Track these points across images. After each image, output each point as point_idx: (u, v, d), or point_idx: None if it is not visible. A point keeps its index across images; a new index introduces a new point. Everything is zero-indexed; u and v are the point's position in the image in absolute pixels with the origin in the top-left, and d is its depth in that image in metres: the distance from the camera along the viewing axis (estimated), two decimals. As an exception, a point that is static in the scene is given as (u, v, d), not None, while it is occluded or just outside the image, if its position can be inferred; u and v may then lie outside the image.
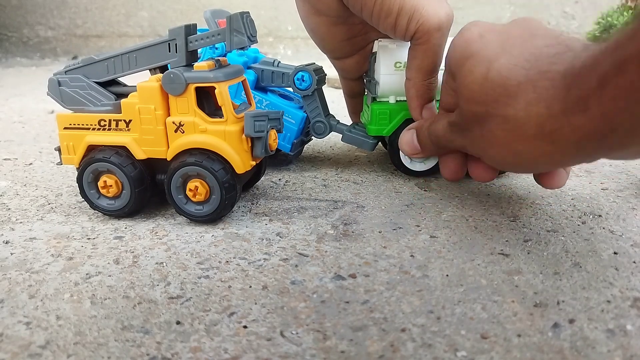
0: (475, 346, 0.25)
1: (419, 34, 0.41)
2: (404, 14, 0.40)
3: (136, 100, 0.38)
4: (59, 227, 0.40)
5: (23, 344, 0.26)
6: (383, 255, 0.34)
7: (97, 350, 0.25)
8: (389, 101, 0.48)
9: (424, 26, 0.40)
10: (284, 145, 0.50)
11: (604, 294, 0.29)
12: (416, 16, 0.40)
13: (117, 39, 1.92)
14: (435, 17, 0.40)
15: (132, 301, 0.30)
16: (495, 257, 0.34)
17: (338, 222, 0.40)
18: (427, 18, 0.40)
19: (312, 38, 0.49)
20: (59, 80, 0.40)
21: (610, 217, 0.40)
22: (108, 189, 0.40)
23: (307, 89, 0.49)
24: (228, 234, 0.38)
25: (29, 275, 0.33)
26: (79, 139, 0.40)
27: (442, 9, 0.41)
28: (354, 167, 0.54)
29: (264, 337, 0.26)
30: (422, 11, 0.40)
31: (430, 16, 0.40)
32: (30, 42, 1.93)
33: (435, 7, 0.41)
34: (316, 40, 0.49)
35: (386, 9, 0.40)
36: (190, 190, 0.39)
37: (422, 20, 0.40)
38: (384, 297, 0.30)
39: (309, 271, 0.33)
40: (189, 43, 0.38)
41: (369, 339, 0.26)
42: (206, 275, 0.32)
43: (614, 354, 0.24)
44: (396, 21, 0.41)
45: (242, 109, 0.41)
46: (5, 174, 0.54)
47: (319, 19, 0.45)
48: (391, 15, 0.40)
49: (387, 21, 0.41)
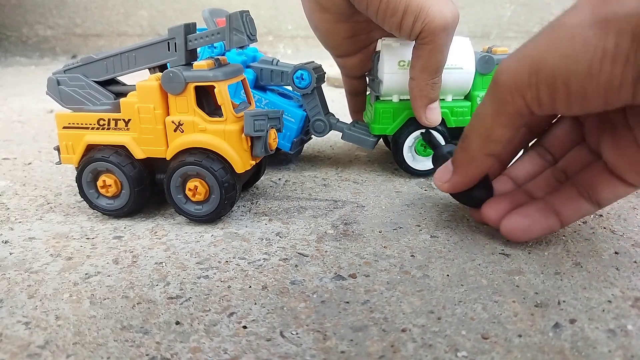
0: (476, 346, 0.25)
1: (425, 33, 0.41)
2: (410, 13, 0.40)
3: (135, 99, 0.38)
4: (58, 227, 0.40)
5: (22, 344, 0.26)
6: (383, 255, 0.34)
7: (96, 351, 0.25)
8: (392, 100, 0.48)
9: (430, 26, 0.40)
10: (284, 144, 0.50)
11: (604, 294, 0.29)
12: (422, 15, 0.40)
13: (116, 38, 1.92)
14: (441, 17, 0.40)
15: (131, 301, 0.29)
16: (496, 257, 0.34)
17: (338, 222, 0.40)
18: (433, 18, 0.40)
19: (316, 35, 0.48)
20: (58, 80, 0.40)
21: (611, 216, 0.40)
22: (107, 189, 0.40)
23: (306, 87, 0.49)
24: (227, 233, 0.38)
25: (28, 275, 0.32)
26: (78, 138, 0.40)
27: (448, 9, 0.41)
28: (354, 167, 0.54)
29: (263, 338, 0.26)
30: (428, 11, 0.40)
31: (436, 16, 0.40)
32: (30, 42, 1.93)
33: (441, 7, 0.40)
34: (320, 37, 0.48)
35: (392, 7, 0.40)
36: (189, 190, 0.39)
37: (428, 20, 0.40)
38: (384, 297, 0.29)
39: (309, 271, 0.33)
40: (189, 42, 0.38)
41: (369, 339, 0.26)
42: (206, 275, 0.32)
43: (614, 354, 0.24)
44: (402, 20, 0.40)
45: (242, 108, 0.40)
46: (4, 174, 0.54)
47: (323, 15, 0.45)
48: (397, 14, 0.40)
49: (392, 20, 0.41)
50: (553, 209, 0.33)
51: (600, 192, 0.33)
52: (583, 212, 0.34)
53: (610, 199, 0.33)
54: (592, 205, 0.33)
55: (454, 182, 0.35)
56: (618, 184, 0.32)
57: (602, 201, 0.33)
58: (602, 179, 0.33)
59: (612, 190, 0.32)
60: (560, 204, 0.34)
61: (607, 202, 0.33)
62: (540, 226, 0.33)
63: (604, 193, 0.33)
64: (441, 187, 0.36)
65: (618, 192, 0.33)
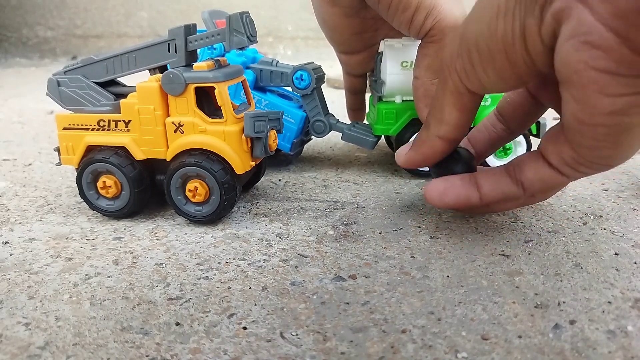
0: (476, 347, 0.25)
1: (434, 31, 0.41)
2: (422, 9, 0.40)
3: (135, 100, 0.38)
4: (58, 228, 0.40)
5: (22, 345, 0.26)
6: (383, 256, 0.34)
7: (96, 352, 0.25)
8: (395, 101, 0.48)
9: (441, 24, 0.40)
10: (284, 145, 0.50)
11: (605, 295, 0.29)
12: (434, 12, 0.40)
13: (116, 39, 1.92)
14: (452, 15, 0.40)
15: (131, 302, 0.29)
16: (496, 258, 0.34)
17: (338, 223, 0.40)
18: (445, 16, 0.40)
19: (322, 28, 0.49)
20: (58, 81, 0.40)
21: (611, 217, 0.40)
22: (107, 190, 0.40)
23: (306, 88, 0.49)
24: (228, 234, 0.38)
25: (28, 276, 0.32)
26: (78, 139, 0.40)
27: (458, 9, 0.41)
28: (354, 168, 0.54)
29: (263, 339, 0.26)
30: (440, 8, 0.40)
31: (448, 14, 0.40)
32: (30, 43, 1.93)
33: (452, 6, 0.40)
34: (326, 31, 0.49)
35: (404, 2, 0.40)
36: (189, 191, 0.39)
37: (440, 17, 0.40)
38: (384, 298, 0.29)
39: (309, 272, 0.33)
40: (189, 43, 0.38)
41: (369, 340, 0.26)
42: (206, 276, 0.32)
43: (614, 355, 0.24)
44: (413, 16, 0.40)
45: (242, 109, 0.40)
46: (4, 175, 0.54)
47: (332, 9, 0.45)
48: (409, 9, 0.40)
49: (404, 15, 0.40)
50: (475, 181, 0.34)
51: (524, 171, 0.32)
52: (503, 189, 0.33)
53: (534, 180, 0.32)
54: (514, 184, 0.32)
55: (408, 157, 0.37)
56: (542, 164, 0.31)
57: (525, 181, 0.32)
58: (529, 159, 0.32)
59: (535, 170, 0.31)
60: (482, 176, 0.34)
61: (532, 185, 0.32)
62: (456, 191, 0.34)
63: (528, 171, 0.32)
64: (398, 160, 0.38)
65: (541, 173, 0.31)
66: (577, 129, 0.27)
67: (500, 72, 0.29)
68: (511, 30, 0.27)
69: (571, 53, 0.24)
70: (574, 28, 0.24)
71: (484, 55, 0.29)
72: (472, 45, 0.29)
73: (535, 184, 0.32)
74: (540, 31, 0.26)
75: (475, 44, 0.29)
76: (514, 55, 0.27)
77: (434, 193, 0.35)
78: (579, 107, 0.26)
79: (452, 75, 0.31)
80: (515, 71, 0.28)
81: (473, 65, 0.29)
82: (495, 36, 0.27)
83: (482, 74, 0.29)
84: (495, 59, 0.28)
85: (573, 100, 0.26)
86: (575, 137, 0.28)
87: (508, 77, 0.29)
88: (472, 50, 0.29)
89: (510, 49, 0.27)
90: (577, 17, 0.24)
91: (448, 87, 0.32)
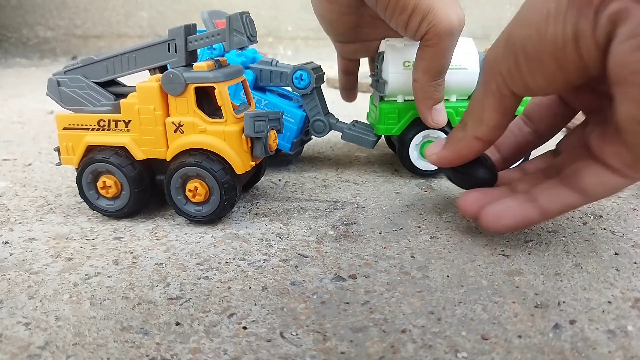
0: (476, 347, 0.25)
1: (430, 35, 0.41)
2: (418, 12, 0.40)
3: (135, 100, 0.38)
4: (58, 228, 0.40)
5: (22, 345, 0.26)
6: (383, 256, 0.34)
7: (96, 351, 0.25)
8: (397, 100, 0.48)
9: (436, 28, 0.40)
10: (284, 145, 0.50)
11: (604, 295, 0.29)
12: (430, 17, 0.40)
13: (116, 39, 1.92)
14: (448, 20, 0.40)
15: (131, 302, 0.29)
16: (496, 258, 0.34)
17: (338, 223, 0.40)
18: (440, 20, 0.40)
19: (320, 22, 0.49)
20: (58, 81, 0.40)
21: (611, 217, 0.40)
22: (107, 190, 0.40)
23: (305, 87, 0.49)
24: (228, 234, 0.38)
25: (28, 276, 0.32)
26: (78, 139, 0.40)
27: (455, 13, 0.40)
28: (354, 168, 0.54)
29: (263, 338, 0.26)
30: (435, 12, 0.39)
31: (443, 19, 0.40)
32: (30, 43, 1.93)
33: (449, 11, 0.40)
34: (323, 25, 0.49)
35: (402, 4, 0.40)
36: (189, 191, 0.39)
37: (435, 21, 0.40)
38: (384, 298, 0.29)
39: (309, 272, 0.33)
40: (189, 43, 0.38)
41: (369, 340, 0.26)
42: (206, 276, 0.32)
43: (614, 354, 0.24)
44: (409, 19, 0.40)
45: (242, 109, 0.40)
46: (4, 175, 0.54)
47: (330, 6, 0.45)
48: (405, 11, 0.40)
49: (400, 17, 0.41)
50: (531, 197, 0.33)
51: (583, 178, 0.31)
52: (565, 201, 0.32)
53: (596, 186, 0.31)
54: (575, 193, 0.31)
55: (440, 156, 0.37)
56: (601, 169, 0.30)
57: (587, 188, 0.31)
58: (585, 165, 0.31)
59: (596, 176, 0.30)
60: (539, 192, 0.33)
61: (594, 191, 0.31)
62: (513, 213, 0.32)
63: (588, 178, 0.31)
64: (429, 158, 0.38)
65: (603, 179, 0.30)
66: (634, 130, 0.27)
67: (548, 75, 0.29)
68: (562, 34, 0.27)
69: (629, 53, 0.24)
70: (632, 28, 0.24)
71: (531, 59, 0.29)
72: (518, 48, 0.29)
73: (598, 190, 0.31)
74: (595, 34, 0.26)
75: (522, 48, 0.29)
76: (564, 59, 0.27)
77: (489, 218, 0.33)
78: (637, 108, 0.26)
79: (496, 78, 0.31)
80: (564, 74, 0.28)
81: (519, 69, 0.29)
82: (544, 40, 0.27)
83: (529, 77, 0.29)
84: (543, 62, 0.28)
85: (629, 101, 0.26)
86: (632, 138, 0.27)
87: (556, 80, 0.29)
88: (518, 53, 0.29)
89: (560, 52, 0.27)
90: (636, 17, 0.24)
91: (490, 89, 0.32)
